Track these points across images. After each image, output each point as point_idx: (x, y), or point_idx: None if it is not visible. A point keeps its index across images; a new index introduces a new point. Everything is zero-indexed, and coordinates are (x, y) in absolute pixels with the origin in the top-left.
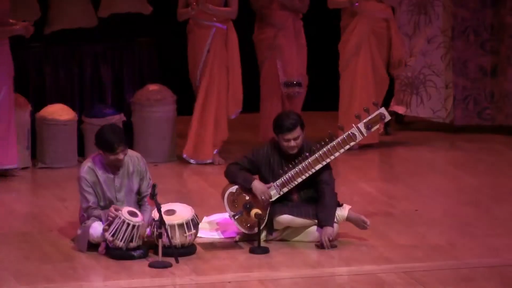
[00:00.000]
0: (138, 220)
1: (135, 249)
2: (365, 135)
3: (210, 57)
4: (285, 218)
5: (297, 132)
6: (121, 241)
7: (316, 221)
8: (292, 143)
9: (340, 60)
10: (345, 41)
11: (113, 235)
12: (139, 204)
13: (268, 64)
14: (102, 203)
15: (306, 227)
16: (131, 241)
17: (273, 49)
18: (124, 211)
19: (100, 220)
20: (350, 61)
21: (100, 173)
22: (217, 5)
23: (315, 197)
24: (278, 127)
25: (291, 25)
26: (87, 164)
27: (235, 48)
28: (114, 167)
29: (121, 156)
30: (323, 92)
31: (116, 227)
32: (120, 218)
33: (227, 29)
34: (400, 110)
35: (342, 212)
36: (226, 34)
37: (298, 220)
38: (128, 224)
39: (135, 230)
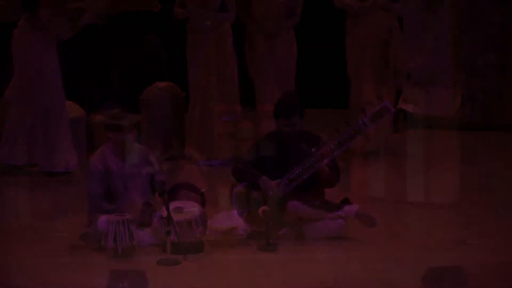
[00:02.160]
0: (123, 217)
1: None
2: (370, 128)
3: (204, 61)
4: (295, 204)
5: (295, 119)
6: (110, 241)
7: (325, 214)
8: (288, 128)
9: (348, 68)
10: (350, 47)
11: (105, 240)
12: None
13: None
14: (112, 194)
15: (315, 221)
16: (121, 239)
17: (266, 60)
18: (112, 215)
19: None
20: (356, 70)
21: (111, 162)
22: (212, 8)
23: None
24: (276, 112)
25: (283, 36)
26: (98, 153)
27: (229, 52)
28: (123, 152)
29: (129, 135)
30: (331, 90)
31: (107, 231)
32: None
33: (223, 33)
34: (409, 108)
35: (351, 209)
36: (220, 38)
37: (308, 209)
38: (112, 223)
39: (120, 226)
